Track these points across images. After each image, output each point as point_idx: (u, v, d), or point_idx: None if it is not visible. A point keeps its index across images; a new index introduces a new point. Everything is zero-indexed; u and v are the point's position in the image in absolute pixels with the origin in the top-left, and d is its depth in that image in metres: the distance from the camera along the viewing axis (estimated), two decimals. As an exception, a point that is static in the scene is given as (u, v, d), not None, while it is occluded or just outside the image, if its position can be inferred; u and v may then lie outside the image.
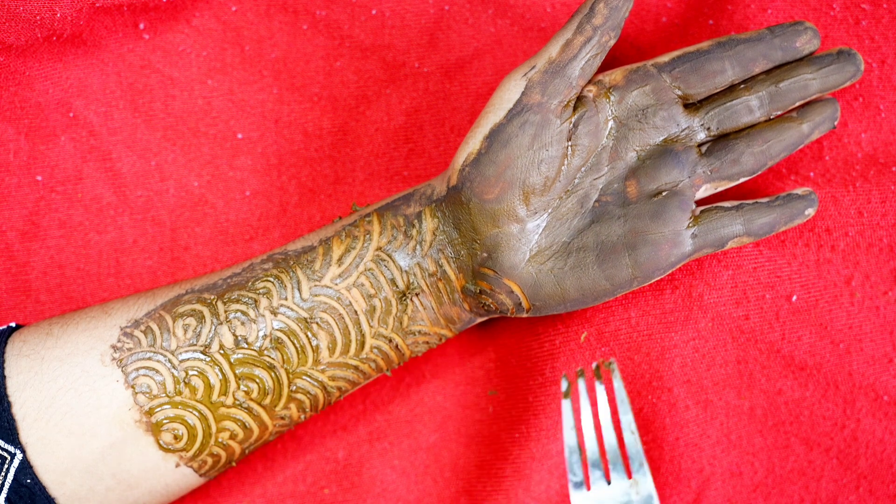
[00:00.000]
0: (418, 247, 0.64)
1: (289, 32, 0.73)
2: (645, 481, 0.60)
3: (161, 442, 0.62)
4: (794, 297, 0.66)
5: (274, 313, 0.63)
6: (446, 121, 0.73)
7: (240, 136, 0.73)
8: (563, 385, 0.61)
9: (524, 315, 0.65)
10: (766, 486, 0.67)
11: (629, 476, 0.61)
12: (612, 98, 0.64)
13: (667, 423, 0.66)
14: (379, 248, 0.64)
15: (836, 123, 0.65)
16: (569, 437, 0.61)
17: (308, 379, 0.64)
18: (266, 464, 0.72)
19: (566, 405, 0.61)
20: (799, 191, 0.65)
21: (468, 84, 0.73)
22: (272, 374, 0.63)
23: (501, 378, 0.73)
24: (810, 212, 0.64)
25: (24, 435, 0.61)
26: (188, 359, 0.62)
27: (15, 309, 0.72)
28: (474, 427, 0.73)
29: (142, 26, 0.72)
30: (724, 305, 0.66)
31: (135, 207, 0.72)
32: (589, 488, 0.61)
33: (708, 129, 0.64)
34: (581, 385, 0.61)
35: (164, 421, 0.62)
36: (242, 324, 0.63)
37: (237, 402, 0.63)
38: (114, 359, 0.62)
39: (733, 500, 0.67)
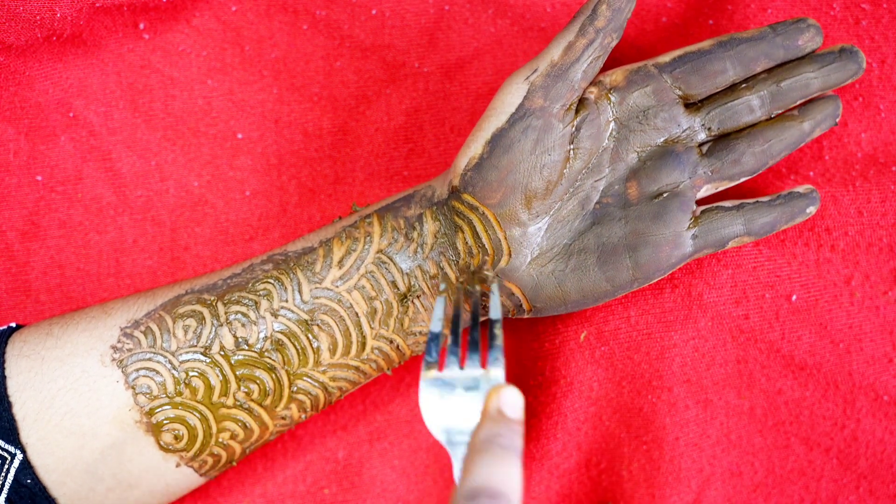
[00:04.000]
0: (419, 249, 0.64)
1: (289, 32, 0.73)
2: (497, 372, 0.57)
3: (161, 442, 0.62)
4: (794, 297, 0.66)
5: (274, 315, 0.63)
6: (446, 121, 0.73)
7: (240, 136, 0.73)
8: (442, 286, 0.62)
9: (525, 316, 0.65)
10: (766, 486, 0.67)
11: (483, 366, 0.58)
12: (612, 99, 0.63)
13: (667, 423, 0.66)
14: (380, 251, 0.64)
15: (837, 121, 0.65)
16: (435, 326, 0.59)
17: (309, 380, 0.64)
18: (266, 464, 0.72)
19: (440, 300, 0.60)
20: (800, 189, 0.64)
21: (468, 84, 0.73)
22: (273, 375, 0.63)
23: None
24: (812, 210, 0.64)
25: (25, 435, 0.61)
26: (188, 360, 0.62)
27: (15, 309, 0.72)
28: (474, 427, 0.73)
29: (142, 26, 0.72)
30: (724, 305, 0.66)
31: (135, 207, 0.72)
32: (441, 369, 0.58)
33: (709, 129, 0.64)
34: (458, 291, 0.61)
35: (165, 421, 0.62)
36: (243, 325, 0.63)
37: (238, 403, 0.63)
38: (114, 359, 0.62)
39: (733, 500, 0.67)
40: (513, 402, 0.55)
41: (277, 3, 0.73)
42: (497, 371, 0.57)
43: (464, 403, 0.57)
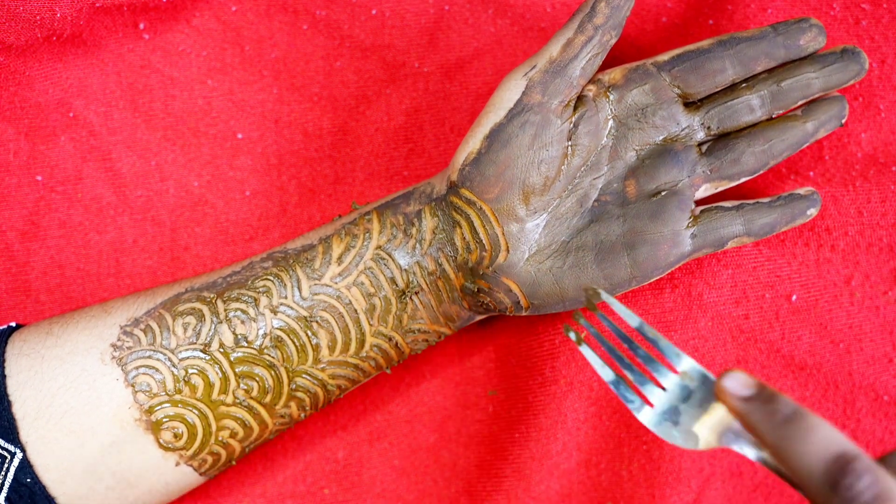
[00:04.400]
0: (418, 245, 0.64)
1: (289, 32, 0.73)
2: (691, 366, 0.53)
3: (161, 440, 0.62)
4: (794, 297, 0.66)
5: (274, 312, 0.63)
6: (446, 121, 0.73)
7: (240, 136, 0.73)
8: (572, 336, 0.55)
9: (523, 314, 0.65)
10: (766, 486, 0.67)
11: (675, 371, 0.53)
12: (611, 97, 0.64)
13: (667, 423, 0.66)
14: (379, 247, 0.64)
15: (843, 121, 0.65)
16: (605, 373, 0.54)
17: (308, 377, 0.64)
18: (266, 464, 0.72)
19: (586, 349, 0.55)
20: (801, 190, 0.64)
21: (468, 84, 0.73)
22: (272, 372, 0.63)
23: (501, 378, 0.73)
24: (812, 212, 0.64)
25: (24, 434, 0.61)
26: (188, 357, 0.62)
27: (15, 309, 0.72)
28: (474, 427, 0.73)
29: (142, 26, 0.72)
30: (724, 305, 0.66)
31: (135, 207, 0.72)
32: (652, 404, 0.53)
33: (708, 128, 0.64)
34: (585, 324, 0.55)
35: (164, 419, 0.62)
36: (242, 322, 0.63)
37: (237, 401, 0.63)
38: (113, 357, 0.62)
39: (733, 500, 0.67)
40: (738, 383, 0.50)
41: (277, 3, 0.73)
42: (688, 363, 0.53)
43: (696, 413, 0.53)
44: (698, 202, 0.66)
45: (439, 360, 0.73)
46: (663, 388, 0.53)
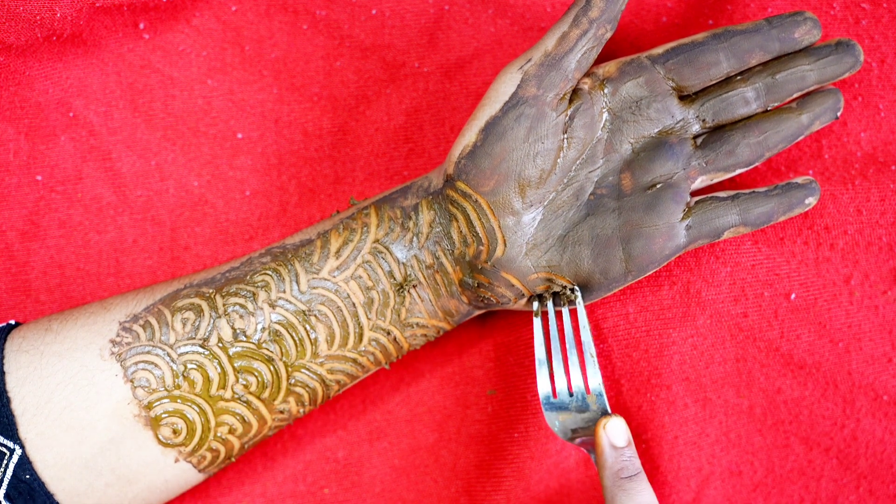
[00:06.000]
0: (415, 238, 0.64)
1: (289, 32, 0.73)
2: (599, 394, 0.64)
3: (160, 436, 0.62)
4: (793, 296, 0.66)
5: (272, 306, 0.63)
6: (446, 120, 0.73)
7: (240, 136, 0.73)
8: (535, 306, 0.65)
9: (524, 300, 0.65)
10: (766, 486, 0.67)
11: (588, 391, 0.64)
12: (605, 90, 0.64)
13: (665, 422, 0.66)
14: (376, 241, 0.64)
15: (838, 114, 0.65)
16: (538, 351, 0.65)
17: (307, 372, 0.64)
18: (266, 463, 0.72)
19: (536, 323, 0.65)
20: (799, 179, 0.64)
21: (468, 84, 0.73)
22: (271, 367, 0.63)
23: (500, 377, 0.73)
24: (811, 201, 0.64)
25: (24, 430, 0.61)
26: (187, 352, 0.63)
27: (15, 308, 0.72)
28: (474, 427, 0.73)
29: (142, 26, 0.72)
30: (723, 303, 0.66)
31: (135, 207, 0.72)
32: (556, 396, 0.64)
33: (703, 120, 0.64)
34: (550, 307, 0.65)
35: (163, 415, 0.62)
36: (241, 317, 0.63)
37: (236, 396, 0.63)
38: (112, 353, 0.62)
39: (732, 500, 0.67)
40: (618, 432, 0.62)
41: (277, 3, 0.73)
42: (598, 390, 0.64)
43: (579, 419, 0.64)
44: (693, 194, 0.66)
45: (439, 360, 0.74)
46: (571, 393, 0.64)
